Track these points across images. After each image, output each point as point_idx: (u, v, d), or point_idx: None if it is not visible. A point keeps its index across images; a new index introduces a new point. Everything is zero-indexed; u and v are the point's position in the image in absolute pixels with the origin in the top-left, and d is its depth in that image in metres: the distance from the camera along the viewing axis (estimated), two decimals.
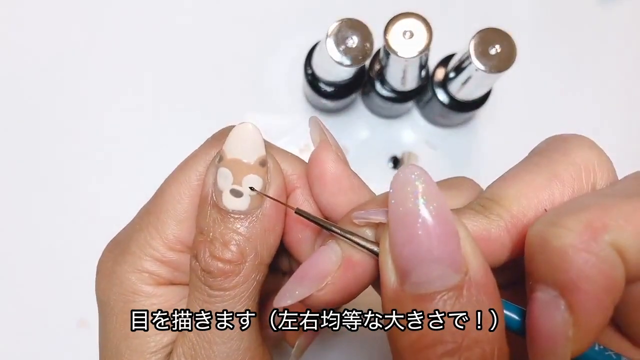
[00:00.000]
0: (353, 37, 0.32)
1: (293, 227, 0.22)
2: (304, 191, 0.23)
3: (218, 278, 0.20)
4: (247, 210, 0.20)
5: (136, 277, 0.22)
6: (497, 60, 0.32)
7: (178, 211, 0.22)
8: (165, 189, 0.22)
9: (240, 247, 0.20)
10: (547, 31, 0.45)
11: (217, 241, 0.20)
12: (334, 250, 0.19)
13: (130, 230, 0.23)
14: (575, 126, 0.43)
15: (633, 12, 0.45)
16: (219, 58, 0.43)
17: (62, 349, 0.38)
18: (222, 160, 0.20)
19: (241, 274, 0.20)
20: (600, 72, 0.44)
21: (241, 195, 0.20)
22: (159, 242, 0.22)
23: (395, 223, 0.17)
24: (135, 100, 0.42)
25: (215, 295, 0.20)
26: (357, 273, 0.19)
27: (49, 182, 0.41)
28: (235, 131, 0.21)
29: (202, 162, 0.22)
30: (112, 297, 0.22)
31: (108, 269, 0.22)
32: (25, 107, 0.42)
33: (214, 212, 0.20)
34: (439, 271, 0.16)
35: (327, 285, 0.19)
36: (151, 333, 0.21)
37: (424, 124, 0.43)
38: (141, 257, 0.22)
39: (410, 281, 0.16)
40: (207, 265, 0.20)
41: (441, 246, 0.16)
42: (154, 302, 0.22)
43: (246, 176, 0.20)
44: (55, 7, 0.43)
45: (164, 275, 0.22)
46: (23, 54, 0.42)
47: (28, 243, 0.40)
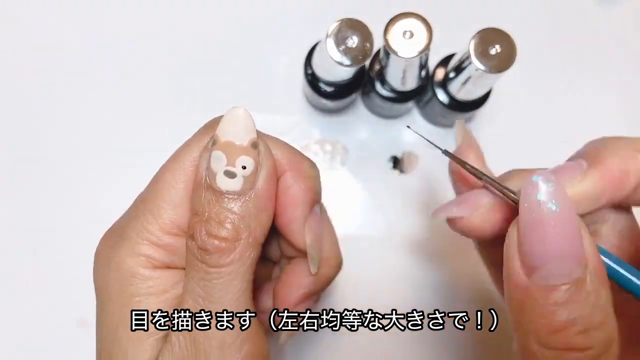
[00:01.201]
0: (353, 37, 0.32)
1: (286, 208, 0.24)
2: (294, 174, 0.24)
3: (214, 255, 0.21)
4: (241, 191, 0.21)
5: (134, 260, 0.22)
6: (497, 60, 0.32)
7: (173, 196, 0.23)
8: (160, 176, 0.23)
9: (235, 225, 0.21)
10: (547, 31, 0.45)
11: (212, 220, 0.21)
12: (487, 194, 0.23)
13: (126, 218, 0.24)
14: (575, 126, 0.43)
15: (632, 12, 0.46)
16: (218, 58, 0.43)
17: (61, 348, 0.38)
18: (215, 143, 0.21)
19: (236, 250, 0.21)
20: (600, 72, 0.45)
21: (235, 176, 0.21)
22: (155, 227, 0.23)
23: (527, 225, 0.19)
24: (133, 99, 0.42)
25: (211, 272, 0.21)
26: (501, 216, 0.23)
27: (48, 180, 0.41)
28: (228, 115, 0.22)
29: (195, 149, 0.23)
30: (110, 282, 0.22)
31: (105, 256, 0.23)
32: (25, 105, 0.42)
33: (208, 194, 0.21)
34: (567, 267, 0.18)
35: (479, 214, 0.23)
36: None
37: (424, 124, 0.43)
38: (138, 241, 0.22)
39: (539, 274, 0.19)
40: (203, 243, 0.21)
41: (569, 245, 0.18)
42: (151, 285, 0.22)
43: (239, 157, 0.21)
44: (55, 5, 0.43)
45: (160, 258, 0.23)
46: (23, 54, 0.42)
47: (27, 242, 0.40)
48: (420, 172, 0.42)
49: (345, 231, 0.32)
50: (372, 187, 0.42)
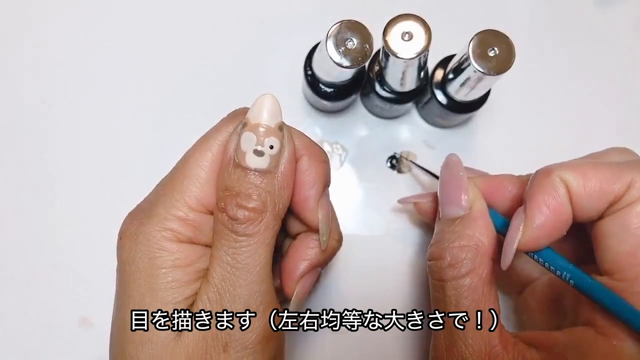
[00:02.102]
0: (352, 39, 0.32)
1: (301, 188, 0.26)
2: (310, 158, 0.26)
3: (243, 224, 0.23)
4: (267, 169, 0.24)
5: (161, 234, 0.24)
6: (495, 61, 0.32)
7: (200, 175, 0.25)
8: (188, 157, 0.26)
9: (262, 198, 0.24)
10: (546, 33, 0.45)
11: (242, 194, 0.23)
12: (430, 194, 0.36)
13: (154, 195, 0.26)
14: (574, 128, 0.44)
15: (630, 14, 0.46)
16: (218, 59, 0.43)
17: (63, 347, 0.39)
18: (245, 126, 0.24)
19: (263, 221, 0.23)
20: (599, 74, 0.45)
21: (262, 155, 0.24)
22: (182, 204, 0.25)
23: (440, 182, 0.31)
24: (133, 100, 0.42)
25: (240, 240, 0.23)
26: None
27: (50, 179, 0.41)
28: (258, 101, 0.24)
29: (222, 133, 0.25)
30: (138, 255, 0.24)
31: (133, 231, 0.25)
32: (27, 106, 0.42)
33: (237, 171, 0.24)
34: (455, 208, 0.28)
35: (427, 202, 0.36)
36: (175, 285, 0.24)
37: (423, 125, 0.43)
38: (166, 217, 0.24)
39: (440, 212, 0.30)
40: (234, 213, 0.23)
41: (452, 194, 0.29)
42: (177, 257, 0.24)
43: (268, 138, 0.24)
44: (55, 5, 0.43)
45: (185, 233, 0.25)
46: (23, 53, 0.43)
47: (28, 241, 0.40)
48: (419, 171, 0.42)
49: (344, 231, 0.32)
50: (371, 187, 0.42)
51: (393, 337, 0.38)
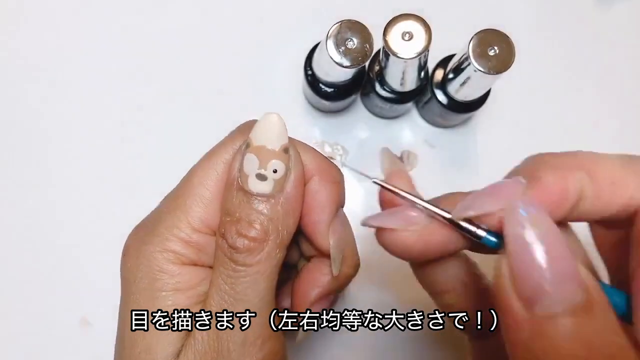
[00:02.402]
0: (353, 39, 0.32)
1: (311, 211, 0.24)
2: (321, 179, 0.25)
3: (243, 254, 0.22)
4: (271, 194, 0.22)
5: (162, 256, 0.23)
6: (495, 61, 0.32)
7: (204, 195, 0.24)
8: (192, 175, 0.24)
9: (264, 227, 0.22)
10: (546, 32, 0.45)
11: (243, 221, 0.22)
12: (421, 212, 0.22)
13: (157, 213, 0.25)
14: (574, 127, 0.43)
15: (630, 13, 0.46)
16: (218, 59, 0.43)
17: (63, 348, 0.39)
18: (249, 147, 0.23)
19: (264, 251, 0.22)
20: (599, 73, 0.45)
21: (265, 179, 0.22)
22: (185, 224, 0.23)
23: (517, 253, 0.18)
24: (134, 100, 0.42)
25: (239, 270, 0.22)
26: (437, 239, 0.22)
27: (51, 180, 0.41)
28: (262, 121, 0.23)
29: (227, 150, 0.24)
30: (139, 275, 0.23)
31: (136, 249, 0.24)
32: (29, 105, 0.42)
33: (240, 195, 0.22)
34: (565, 291, 0.17)
35: (415, 231, 0.22)
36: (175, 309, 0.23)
37: (423, 125, 0.43)
38: (168, 237, 0.23)
39: (540, 305, 0.17)
40: (234, 241, 0.22)
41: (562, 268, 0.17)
42: (178, 281, 0.23)
43: (271, 161, 0.22)
44: (57, 5, 0.43)
45: (188, 255, 0.23)
46: (24, 53, 0.43)
47: (29, 242, 0.40)
48: (419, 171, 0.42)
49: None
50: (371, 187, 0.42)
51: (393, 337, 0.38)
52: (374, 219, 0.23)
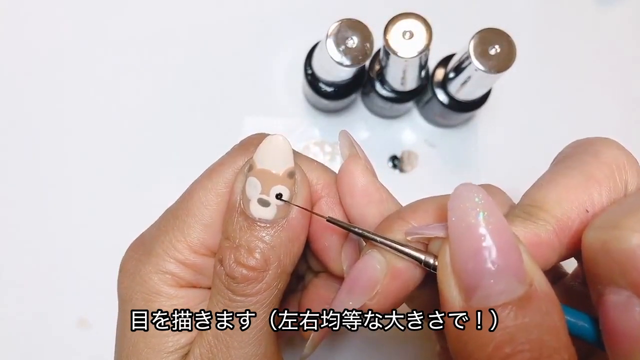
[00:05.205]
0: (353, 38, 0.32)
1: (321, 235, 0.23)
2: (329, 200, 0.23)
3: (241, 284, 0.21)
4: (273, 220, 0.21)
5: (159, 277, 0.22)
6: (496, 60, 0.32)
7: (204, 216, 0.22)
8: (193, 194, 0.23)
9: (264, 255, 0.21)
10: (547, 31, 0.45)
11: (242, 248, 0.21)
12: (376, 258, 0.20)
13: (155, 231, 0.23)
14: (574, 126, 0.43)
15: (631, 13, 0.46)
16: (218, 58, 0.43)
17: (61, 348, 0.38)
18: (251, 170, 0.21)
19: (264, 281, 0.21)
20: (599, 72, 0.45)
21: (268, 205, 0.21)
22: (183, 245, 0.22)
23: (457, 239, 0.17)
24: (134, 101, 0.42)
25: (237, 300, 0.21)
26: (403, 280, 0.20)
27: (49, 181, 0.41)
28: (266, 142, 0.21)
29: (229, 170, 0.23)
30: (134, 296, 0.22)
31: (132, 268, 0.23)
32: (30, 107, 0.42)
33: (241, 220, 0.21)
34: (505, 283, 0.16)
35: (377, 295, 0.21)
36: (169, 333, 0.22)
37: (424, 124, 0.43)
38: (165, 259, 0.22)
39: (476, 296, 0.16)
40: (231, 270, 0.21)
41: (506, 258, 0.16)
42: (175, 304, 0.22)
43: (274, 186, 0.21)
44: (58, 5, 0.43)
45: (186, 277, 0.22)
46: (24, 53, 0.42)
47: (28, 242, 0.40)
48: (420, 171, 0.42)
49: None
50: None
51: (393, 337, 0.38)
52: (339, 302, 0.22)
